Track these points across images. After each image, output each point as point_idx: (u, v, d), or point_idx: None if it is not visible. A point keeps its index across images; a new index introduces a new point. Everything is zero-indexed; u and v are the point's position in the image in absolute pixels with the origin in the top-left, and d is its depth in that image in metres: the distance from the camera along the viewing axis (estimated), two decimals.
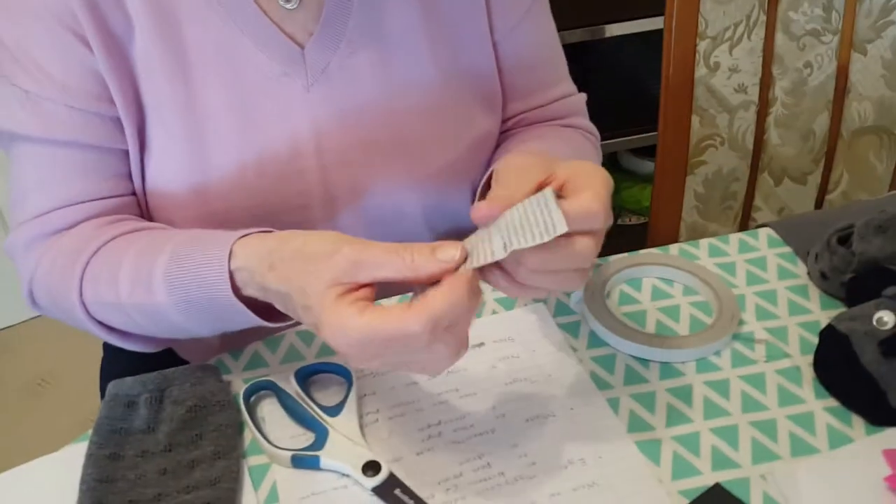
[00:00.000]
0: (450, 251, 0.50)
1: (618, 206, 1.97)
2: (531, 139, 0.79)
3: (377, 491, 0.56)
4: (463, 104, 0.77)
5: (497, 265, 0.52)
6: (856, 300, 0.67)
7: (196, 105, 0.68)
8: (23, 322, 1.92)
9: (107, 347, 0.91)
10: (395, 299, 0.72)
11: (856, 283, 0.70)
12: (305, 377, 0.65)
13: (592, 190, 0.51)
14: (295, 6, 0.69)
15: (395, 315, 0.48)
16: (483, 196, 0.65)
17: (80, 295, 0.64)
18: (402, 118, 0.74)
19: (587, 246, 0.51)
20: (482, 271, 0.52)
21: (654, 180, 1.10)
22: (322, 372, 0.66)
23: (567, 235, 0.49)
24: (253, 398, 0.64)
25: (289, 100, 0.70)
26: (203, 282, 0.58)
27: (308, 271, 0.52)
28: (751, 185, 1.14)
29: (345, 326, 0.49)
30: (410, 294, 0.51)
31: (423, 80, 0.74)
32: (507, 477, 0.58)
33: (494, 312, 0.72)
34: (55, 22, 0.64)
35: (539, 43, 0.82)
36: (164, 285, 0.60)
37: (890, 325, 0.62)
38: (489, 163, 0.79)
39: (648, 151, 1.94)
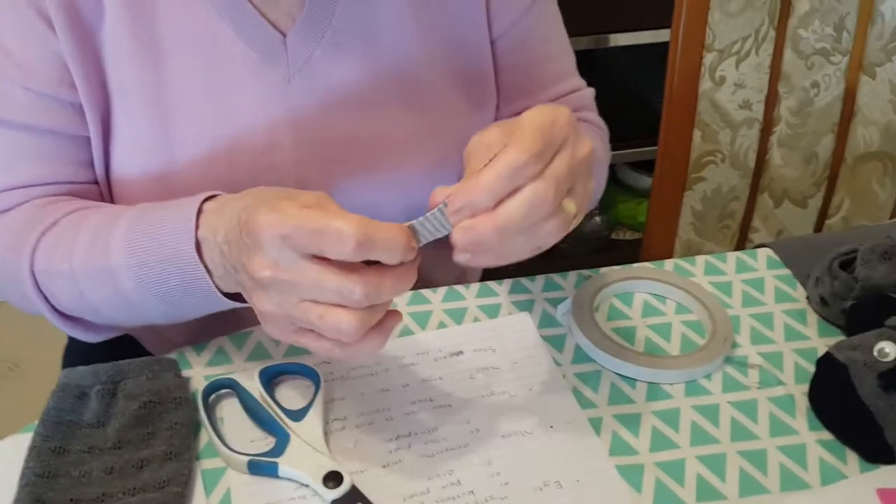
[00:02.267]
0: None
1: (613, 220, 1.94)
2: None
3: None
4: (452, 100, 0.73)
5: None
6: (856, 328, 0.64)
7: (166, 92, 0.65)
8: None
9: None
10: None
11: (857, 311, 0.66)
12: (270, 378, 0.61)
13: (516, 138, 0.46)
14: None
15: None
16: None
17: (31, 265, 0.61)
18: (386, 113, 0.70)
19: (536, 192, 0.46)
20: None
21: (651, 194, 1.07)
22: (289, 373, 0.62)
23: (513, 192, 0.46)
24: (213, 397, 0.60)
25: (267, 91, 0.66)
26: (167, 229, 0.56)
27: (278, 196, 0.50)
28: (750, 204, 1.11)
29: (275, 214, 0.47)
30: None
31: (410, 74, 0.70)
32: (476, 496, 0.54)
33: (476, 320, 0.69)
34: None
35: (543, 39, 0.78)
36: (123, 242, 0.57)
37: (891, 357, 0.58)
38: None
39: (647, 166, 1.91)
